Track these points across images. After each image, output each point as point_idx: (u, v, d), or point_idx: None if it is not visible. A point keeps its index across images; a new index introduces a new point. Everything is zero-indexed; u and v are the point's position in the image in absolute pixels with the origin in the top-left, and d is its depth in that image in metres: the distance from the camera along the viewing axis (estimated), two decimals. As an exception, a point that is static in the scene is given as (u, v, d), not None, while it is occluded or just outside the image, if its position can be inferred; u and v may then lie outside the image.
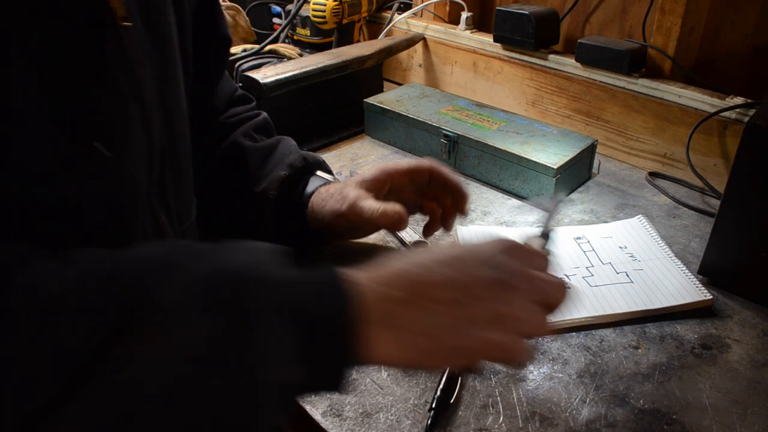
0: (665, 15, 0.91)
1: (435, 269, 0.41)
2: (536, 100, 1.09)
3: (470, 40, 1.16)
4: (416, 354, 0.39)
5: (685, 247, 0.77)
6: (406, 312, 0.39)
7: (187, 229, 0.56)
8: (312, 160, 0.73)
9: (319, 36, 1.28)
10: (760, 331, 0.63)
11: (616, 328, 0.63)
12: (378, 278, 0.40)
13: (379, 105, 1.02)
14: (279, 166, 0.70)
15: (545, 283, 0.44)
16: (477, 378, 0.56)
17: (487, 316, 0.40)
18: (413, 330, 0.39)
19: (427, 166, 0.67)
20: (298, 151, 0.73)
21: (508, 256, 0.43)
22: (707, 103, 0.88)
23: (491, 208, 0.85)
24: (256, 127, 0.75)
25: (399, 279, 0.40)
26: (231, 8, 1.25)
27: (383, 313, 0.38)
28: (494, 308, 0.41)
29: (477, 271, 0.41)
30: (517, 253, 0.44)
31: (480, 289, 0.41)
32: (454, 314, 0.40)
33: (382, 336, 0.38)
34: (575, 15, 1.12)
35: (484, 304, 0.40)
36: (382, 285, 0.39)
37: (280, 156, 0.72)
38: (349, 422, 0.52)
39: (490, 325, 0.40)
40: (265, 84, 0.93)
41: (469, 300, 0.40)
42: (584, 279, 0.69)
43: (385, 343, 0.38)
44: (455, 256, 0.42)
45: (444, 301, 0.40)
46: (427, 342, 0.39)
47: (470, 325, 0.40)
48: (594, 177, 0.95)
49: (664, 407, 0.54)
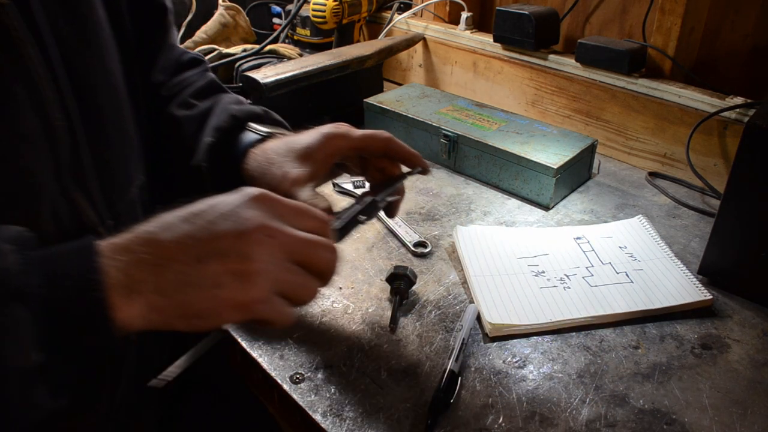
0: (665, 15, 0.91)
1: (176, 227, 0.40)
2: (536, 100, 1.09)
3: (470, 40, 1.16)
4: (162, 316, 0.38)
5: (685, 247, 0.77)
6: (145, 274, 0.38)
7: (124, 209, 0.54)
8: (243, 114, 0.64)
9: (319, 36, 1.28)
10: (760, 331, 0.63)
11: (616, 328, 0.63)
12: (121, 243, 0.39)
13: (379, 105, 1.02)
14: (208, 132, 0.64)
15: (302, 241, 0.41)
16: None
17: (230, 272, 0.38)
18: (155, 291, 0.38)
19: (382, 138, 0.60)
20: (230, 107, 0.66)
21: (254, 208, 0.41)
22: (707, 103, 0.88)
23: (491, 208, 0.85)
24: (196, 92, 0.69)
25: (140, 241, 0.39)
26: (231, 8, 1.25)
27: (125, 278, 0.38)
28: (236, 264, 0.39)
29: (217, 224, 0.40)
30: (268, 206, 0.42)
31: (221, 243, 0.39)
32: (195, 272, 0.38)
33: (127, 301, 0.37)
34: (575, 15, 1.12)
35: (225, 260, 0.39)
36: (123, 250, 0.39)
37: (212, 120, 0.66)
38: (349, 422, 0.52)
39: (234, 282, 0.39)
40: (265, 84, 0.93)
41: (210, 256, 0.39)
42: (584, 279, 0.69)
43: (131, 308, 0.38)
44: (196, 211, 0.41)
45: (183, 259, 0.38)
46: (168, 302, 0.38)
47: (212, 283, 0.38)
48: (594, 177, 0.95)
49: (664, 407, 0.54)
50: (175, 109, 0.66)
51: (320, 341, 0.60)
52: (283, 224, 0.42)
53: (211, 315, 0.39)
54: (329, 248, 0.44)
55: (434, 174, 0.94)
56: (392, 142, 0.60)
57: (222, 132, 0.63)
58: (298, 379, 0.56)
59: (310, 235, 0.43)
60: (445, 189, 0.90)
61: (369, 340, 0.61)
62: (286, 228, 0.41)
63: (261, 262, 0.39)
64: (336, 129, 0.59)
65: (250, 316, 0.40)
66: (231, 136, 0.63)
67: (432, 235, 0.78)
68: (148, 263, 0.38)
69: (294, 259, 0.41)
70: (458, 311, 0.65)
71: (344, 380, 0.56)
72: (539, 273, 0.70)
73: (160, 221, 0.40)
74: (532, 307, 0.64)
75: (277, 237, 0.40)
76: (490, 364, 0.58)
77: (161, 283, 0.38)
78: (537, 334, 0.62)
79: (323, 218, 0.45)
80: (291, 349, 0.60)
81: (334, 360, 0.58)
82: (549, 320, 0.62)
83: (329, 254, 0.43)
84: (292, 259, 0.41)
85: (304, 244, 0.42)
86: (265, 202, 0.42)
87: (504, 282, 0.68)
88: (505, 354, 0.59)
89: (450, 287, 0.69)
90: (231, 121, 0.63)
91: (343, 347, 0.60)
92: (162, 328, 0.39)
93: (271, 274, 0.40)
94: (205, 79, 0.70)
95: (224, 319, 0.40)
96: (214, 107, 0.66)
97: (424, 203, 0.86)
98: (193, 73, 0.71)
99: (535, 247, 0.74)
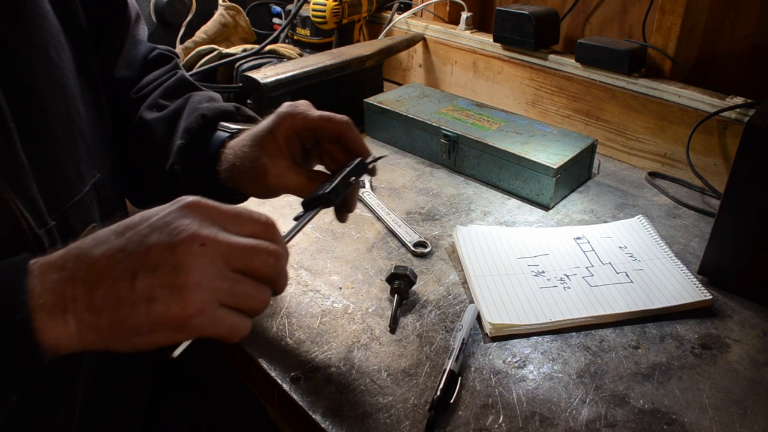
0: (665, 15, 0.91)
1: (108, 242, 0.38)
2: (536, 100, 1.09)
3: (470, 40, 1.16)
4: (97, 335, 0.37)
5: (685, 247, 0.77)
6: (77, 292, 0.36)
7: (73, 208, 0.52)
8: (213, 113, 0.62)
9: (319, 36, 1.28)
10: (760, 331, 0.63)
11: (616, 328, 0.63)
12: (53, 261, 0.38)
13: (379, 105, 1.02)
14: (179, 134, 0.62)
15: (238, 247, 0.39)
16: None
17: (163, 286, 0.36)
18: (87, 309, 0.36)
19: (338, 122, 0.56)
20: (201, 106, 0.63)
21: (187, 217, 0.39)
22: (707, 103, 0.88)
23: (491, 208, 0.85)
24: (165, 92, 0.67)
25: (72, 258, 0.37)
26: (231, 8, 1.25)
27: (56, 297, 0.36)
28: (168, 277, 0.36)
29: (149, 237, 0.37)
30: (202, 214, 0.39)
31: (152, 256, 0.37)
32: (127, 288, 0.36)
33: (58, 321, 0.36)
34: (575, 15, 1.12)
35: (157, 273, 0.36)
36: (55, 268, 0.37)
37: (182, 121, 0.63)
38: (349, 422, 0.52)
39: (168, 296, 0.36)
40: (265, 84, 0.93)
41: (141, 270, 0.36)
42: (584, 279, 0.69)
43: (64, 328, 0.36)
44: (128, 224, 0.39)
45: (114, 274, 0.37)
46: (101, 320, 0.36)
47: (144, 298, 0.36)
48: (594, 177, 0.95)
49: (664, 407, 0.54)
50: (145, 112, 0.65)
51: (320, 341, 0.60)
52: (219, 231, 0.39)
53: (147, 332, 0.37)
54: (271, 253, 0.41)
55: (434, 174, 0.94)
56: (347, 128, 0.56)
57: (192, 133, 0.61)
58: (298, 379, 0.56)
59: (247, 240, 0.40)
60: (445, 189, 0.90)
61: (369, 340, 0.61)
62: (222, 235, 0.39)
63: (195, 273, 0.37)
64: (293, 108, 0.57)
65: (191, 331, 0.37)
66: (202, 136, 0.61)
67: (432, 235, 0.78)
68: (79, 281, 0.37)
69: (233, 267, 0.39)
70: (458, 311, 0.65)
71: (344, 380, 0.56)
72: (539, 273, 0.70)
73: (94, 236, 0.39)
74: (532, 307, 0.64)
75: (211, 245, 0.38)
76: (490, 364, 0.58)
77: (93, 301, 0.36)
78: (537, 334, 0.62)
79: (265, 221, 0.42)
80: (291, 349, 0.59)
81: (334, 360, 0.58)
82: (549, 320, 0.62)
83: (271, 259, 0.40)
84: (232, 267, 0.39)
85: (242, 251, 0.39)
86: (199, 209, 0.39)
87: (504, 282, 0.68)
88: (505, 354, 0.59)
89: (450, 287, 0.69)
90: (200, 121, 0.61)
91: (343, 347, 0.60)
92: (100, 348, 0.38)
93: (208, 284, 0.37)
94: (174, 77, 0.68)
95: (163, 336, 0.37)
96: (184, 107, 0.64)
97: (424, 203, 0.86)
98: (162, 71, 0.69)
99: (535, 247, 0.74)
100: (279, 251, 0.41)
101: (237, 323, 0.39)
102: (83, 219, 0.54)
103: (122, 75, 0.66)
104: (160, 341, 0.38)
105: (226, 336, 0.39)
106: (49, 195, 0.49)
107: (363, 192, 0.86)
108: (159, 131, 0.63)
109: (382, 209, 0.82)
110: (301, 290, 0.68)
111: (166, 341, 0.38)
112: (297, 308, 0.65)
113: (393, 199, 0.87)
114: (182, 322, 0.37)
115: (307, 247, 0.75)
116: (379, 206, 0.83)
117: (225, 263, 0.38)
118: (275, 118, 0.57)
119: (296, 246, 0.75)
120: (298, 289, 0.68)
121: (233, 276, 0.39)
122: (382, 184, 0.91)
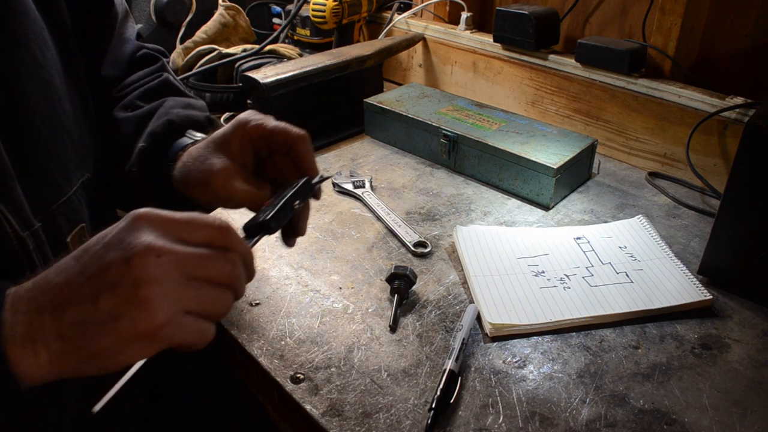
0: (665, 15, 0.91)
1: (68, 268, 0.38)
2: (536, 100, 1.09)
3: (470, 40, 1.16)
4: (69, 362, 0.37)
5: (685, 247, 0.77)
6: (46, 321, 0.36)
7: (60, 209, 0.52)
8: (181, 121, 0.61)
9: (319, 36, 1.28)
10: (760, 331, 0.63)
11: (616, 328, 0.63)
12: (24, 293, 0.38)
13: (379, 105, 1.02)
14: (143, 137, 0.61)
15: (192, 256, 0.38)
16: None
17: (125, 302, 0.36)
18: (57, 338, 0.36)
19: (292, 134, 0.54)
20: (172, 112, 0.62)
21: (139, 230, 0.38)
22: (707, 103, 0.88)
23: (491, 208, 0.85)
24: (144, 93, 0.66)
25: (38, 288, 0.38)
26: (231, 8, 1.25)
27: (27, 329, 0.36)
28: (129, 293, 0.36)
29: (104, 257, 0.37)
30: (154, 225, 0.39)
31: (110, 275, 0.36)
32: (91, 311, 0.36)
33: (29, 352, 0.36)
34: (575, 15, 1.12)
35: (117, 291, 0.36)
36: (26, 299, 0.37)
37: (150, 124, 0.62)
38: (349, 422, 0.52)
39: (132, 312, 0.36)
40: (265, 84, 0.93)
41: (102, 291, 0.36)
42: (584, 279, 0.69)
43: (36, 359, 0.36)
44: (85, 247, 0.38)
45: (77, 299, 0.36)
46: (72, 347, 0.36)
47: (109, 318, 0.36)
48: (594, 177, 0.95)
49: (664, 407, 0.54)
50: (119, 110, 0.64)
51: (320, 341, 0.60)
52: (172, 241, 0.38)
53: (116, 352, 0.36)
54: (228, 259, 0.40)
55: (434, 174, 0.94)
56: (300, 142, 0.54)
57: (156, 137, 0.60)
58: (298, 379, 0.56)
59: (202, 250, 0.39)
60: (445, 189, 0.90)
61: (369, 340, 0.61)
62: (175, 246, 0.38)
63: (155, 284, 0.36)
64: (251, 115, 0.56)
65: (160, 342, 0.37)
66: (165, 142, 0.60)
67: (432, 235, 0.78)
68: (46, 310, 0.37)
69: (191, 275, 0.38)
70: (458, 311, 0.65)
71: (344, 380, 0.56)
72: (539, 273, 0.70)
73: (57, 265, 0.38)
74: (532, 307, 0.64)
75: (167, 256, 0.37)
76: (490, 364, 0.58)
77: (61, 329, 0.36)
78: (537, 334, 0.62)
79: (219, 226, 0.41)
80: (291, 349, 0.60)
81: (334, 360, 0.58)
82: (549, 320, 0.62)
83: (227, 266, 0.40)
84: (190, 275, 0.38)
85: (197, 260, 0.39)
86: (151, 221, 0.39)
87: (504, 282, 0.68)
88: (505, 354, 0.59)
89: (450, 287, 0.69)
90: (166, 126, 0.60)
91: (343, 347, 0.60)
92: (75, 376, 0.38)
93: (170, 294, 0.37)
94: (158, 79, 0.67)
95: (133, 352, 0.37)
96: (156, 111, 0.63)
97: (424, 203, 0.86)
98: (147, 72, 0.69)
99: (535, 247, 0.74)
100: (234, 257, 0.41)
101: (203, 329, 0.39)
102: (71, 220, 0.54)
103: (107, 74, 0.65)
104: (131, 358, 0.37)
105: (194, 342, 0.39)
106: (34, 196, 0.49)
107: (363, 192, 0.86)
108: (127, 131, 0.62)
109: (382, 209, 0.82)
110: (301, 290, 0.68)
111: (136, 357, 0.38)
112: (297, 308, 0.65)
113: (393, 199, 0.87)
114: (151, 334, 0.36)
115: (307, 247, 0.75)
116: (379, 206, 0.83)
117: (183, 272, 0.38)
118: (233, 124, 0.55)
119: (296, 246, 0.75)
120: (298, 289, 0.68)
121: (193, 283, 0.38)
122: (382, 184, 0.91)
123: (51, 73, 0.53)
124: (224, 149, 0.55)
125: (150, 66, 0.69)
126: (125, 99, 0.65)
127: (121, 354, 0.37)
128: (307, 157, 0.54)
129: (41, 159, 0.51)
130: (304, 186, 0.52)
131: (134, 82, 0.67)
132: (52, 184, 0.52)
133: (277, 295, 0.67)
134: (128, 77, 0.68)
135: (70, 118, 0.55)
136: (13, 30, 0.48)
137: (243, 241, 0.43)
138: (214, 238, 0.40)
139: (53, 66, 0.53)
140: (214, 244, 0.40)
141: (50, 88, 0.52)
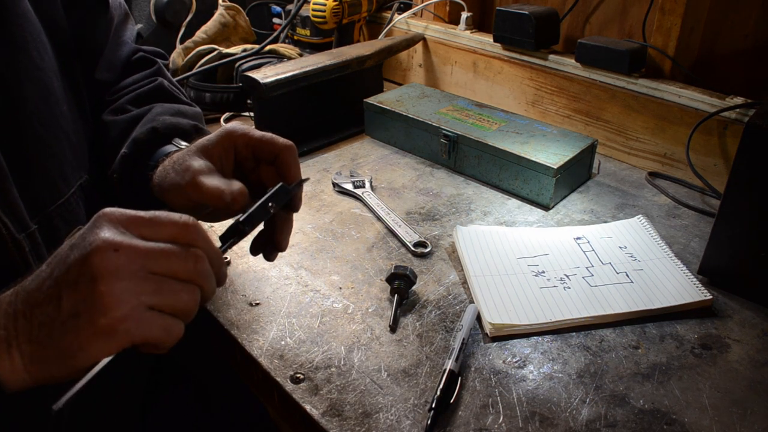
0: (665, 15, 0.91)
1: (40, 272, 0.38)
2: (536, 100, 1.09)
3: (470, 40, 1.16)
4: (41, 366, 0.37)
5: (685, 247, 0.77)
6: (19, 325, 0.37)
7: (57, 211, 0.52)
8: (165, 129, 0.61)
9: (319, 36, 1.28)
10: (760, 331, 0.63)
11: (616, 328, 0.63)
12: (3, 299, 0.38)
13: (379, 105, 1.02)
14: (127, 143, 0.61)
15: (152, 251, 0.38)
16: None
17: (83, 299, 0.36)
18: (28, 341, 0.37)
19: (279, 144, 0.54)
20: (158, 119, 0.62)
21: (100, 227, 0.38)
22: (707, 103, 0.88)
23: (491, 208, 0.85)
24: (135, 98, 0.65)
25: (15, 294, 0.38)
26: (231, 8, 1.25)
27: (4, 332, 0.37)
28: (87, 289, 0.36)
29: (68, 257, 0.37)
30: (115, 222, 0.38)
31: (70, 274, 0.37)
32: (55, 311, 0.36)
33: (4, 356, 0.36)
34: (575, 15, 1.12)
35: (76, 288, 0.36)
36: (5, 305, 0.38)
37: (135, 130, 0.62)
38: (349, 422, 0.52)
39: (90, 307, 0.36)
40: (265, 84, 0.93)
41: (63, 290, 0.36)
42: (584, 279, 0.69)
43: (11, 363, 0.36)
44: (57, 251, 0.39)
45: (44, 301, 0.37)
46: (41, 349, 0.37)
47: (70, 316, 0.36)
48: (594, 177, 0.95)
49: (664, 407, 0.54)
50: (108, 113, 0.64)
51: (320, 341, 0.60)
52: (133, 237, 0.38)
53: (79, 349, 0.36)
54: (190, 255, 0.39)
55: (434, 174, 0.94)
56: (286, 151, 0.53)
57: (138, 144, 0.60)
58: (298, 379, 0.56)
59: (163, 245, 0.39)
60: (445, 189, 0.90)
61: (369, 340, 0.61)
62: (135, 241, 0.38)
63: (112, 278, 0.36)
64: (237, 125, 0.56)
65: (122, 336, 0.37)
66: (147, 149, 0.60)
67: (432, 235, 0.78)
68: (20, 315, 0.37)
69: (153, 271, 0.38)
70: (458, 311, 0.65)
71: (344, 380, 0.56)
72: (539, 273, 0.70)
73: (34, 273, 0.39)
74: (532, 307, 0.64)
75: (125, 250, 0.37)
76: (490, 364, 0.58)
77: (32, 331, 0.37)
78: (537, 334, 0.62)
79: (184, 223, 0.40)
80: (291, 349, 0.60)
81: (334, 360, 0.58)
82: (549, 320, 0.62)
83: (190, 262, 0.39)
84: (150, 269, 0.38)
85: (156, 253, 0.38)
86: (112, 219, 0.39)
87: (504, 282, 0.68)
88: (505, 354, 0.59)
89: (450, 287, 0.69)
90: (150, 134, 0.60)
91: (343, 347, 0.60)
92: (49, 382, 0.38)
93: (129, 288, 0.37)
94: (151, 84, 0.67)
95: (96, 349, 0.37)
96: (143, 116, 0.63)
97: (424, 203, 0.86)
98: (142, 76, 0.68)
99: (535, 247, 0.74)
100: (198, 253, 0.40)
101: (168, 325, 0.38)
102: (68, 222, 0.54)
103: (102, 77, 0.65)
104: (96, 355, 0.37)
105: (159, 339, 0.38)
106: (31, 198, 0.49)
107: (363, 192, 0.86)
108: (112, 134, 0.62)
109: (382, 209, 0.82)
110: (301, 290, 0.68)
111: (100, 354, 0.37)
112: (297, 308, 0.65)
113: (393, 199, 0.87)
114: (110, 329, 0.36)
115: (307, 247, 0.75)
116: (379, 206, 0.83)
117: (141, 265, 0.37)
118: (219, 132, 0.55)
119: (296, 246, 0.75)
120: (298, 289, 0.68)
121: (154, 277, 0.38)
122: (382, 184, 0.91)
123: (49, 76, 0.53)
124: (205, 153, 0.54)
125: (146, 70, 0.69)
126: (116, 102, 0.65)
127: (84, 351, 0.36)
128: (292, 167, 0.54)
129: (39, 161, 0.51)
130: (280, 190, 0.51)
131: (128, 86, 0.67)
132: (49, 186, 0.52)
133: (277, 295, 0.67)
134: (123, 81, 0.67)
135: (67, 120, 0.55)
136: (11, 32, 0.48)
137: (208, 238, 0.42)
138: (178, 235, 0.40)
139: (51, 68, 0.53)
140: (178, 241, 0.40)
141: (48, 90, 0.52)
